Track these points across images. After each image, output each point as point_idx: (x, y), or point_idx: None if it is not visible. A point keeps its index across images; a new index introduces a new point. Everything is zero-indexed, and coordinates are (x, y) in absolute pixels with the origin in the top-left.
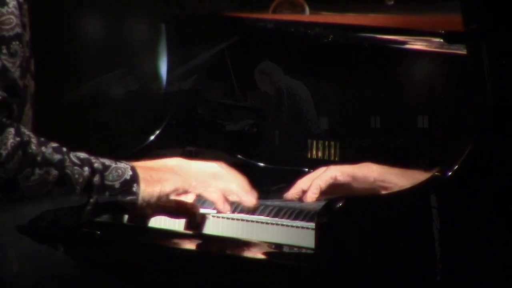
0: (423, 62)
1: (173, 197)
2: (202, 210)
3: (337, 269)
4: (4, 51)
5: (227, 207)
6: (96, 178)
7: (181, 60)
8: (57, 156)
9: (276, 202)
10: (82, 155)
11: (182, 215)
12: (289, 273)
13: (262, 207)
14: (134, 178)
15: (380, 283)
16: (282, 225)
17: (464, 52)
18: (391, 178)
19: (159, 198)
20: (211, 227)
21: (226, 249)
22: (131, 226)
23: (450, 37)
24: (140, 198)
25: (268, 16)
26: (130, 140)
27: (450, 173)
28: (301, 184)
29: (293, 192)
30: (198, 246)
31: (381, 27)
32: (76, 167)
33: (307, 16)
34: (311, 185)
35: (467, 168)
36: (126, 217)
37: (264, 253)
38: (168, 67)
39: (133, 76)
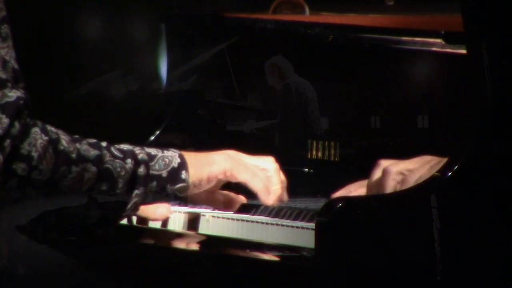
0: (423, 62)
1: (220, 178)
2: (202, 211)
3: (337, 269)
4: None
5: (271, 199)
6: (141, 169)
7: (181, 60)
8: (94, 152)
9: None
10: (126, 147)
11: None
12: (289, 274)
13: (262, 207)
14: (183, 165)
15: (380, 283)
16: (282, 225)
17: (464, 52)
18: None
19: (208, 180)
20: (211, 227)
21: (226, 249)
22: (131, 226)
23: (450, 37)
24: (190, 183)
25: (268, 16)
26: (130, 141)
27: (450, 173)
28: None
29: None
30: (198, 246)
31: (381, 27)
32: (117, 160)
33: (307, 16)
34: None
35: (467, 168)
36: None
37: (264, 254)
38: (168, 67)
39: (133, 76)
